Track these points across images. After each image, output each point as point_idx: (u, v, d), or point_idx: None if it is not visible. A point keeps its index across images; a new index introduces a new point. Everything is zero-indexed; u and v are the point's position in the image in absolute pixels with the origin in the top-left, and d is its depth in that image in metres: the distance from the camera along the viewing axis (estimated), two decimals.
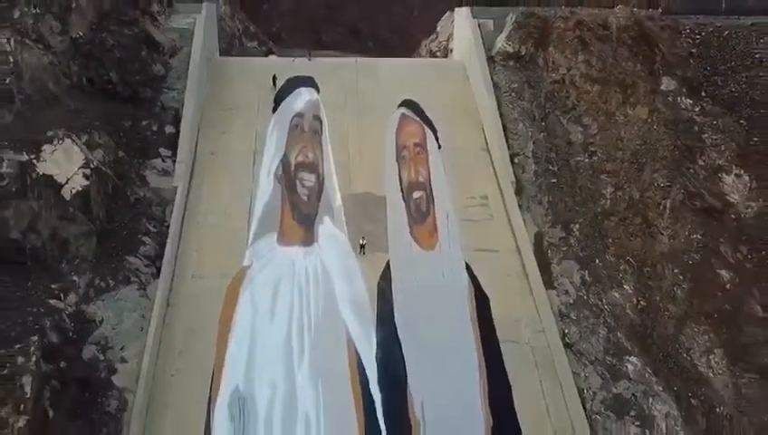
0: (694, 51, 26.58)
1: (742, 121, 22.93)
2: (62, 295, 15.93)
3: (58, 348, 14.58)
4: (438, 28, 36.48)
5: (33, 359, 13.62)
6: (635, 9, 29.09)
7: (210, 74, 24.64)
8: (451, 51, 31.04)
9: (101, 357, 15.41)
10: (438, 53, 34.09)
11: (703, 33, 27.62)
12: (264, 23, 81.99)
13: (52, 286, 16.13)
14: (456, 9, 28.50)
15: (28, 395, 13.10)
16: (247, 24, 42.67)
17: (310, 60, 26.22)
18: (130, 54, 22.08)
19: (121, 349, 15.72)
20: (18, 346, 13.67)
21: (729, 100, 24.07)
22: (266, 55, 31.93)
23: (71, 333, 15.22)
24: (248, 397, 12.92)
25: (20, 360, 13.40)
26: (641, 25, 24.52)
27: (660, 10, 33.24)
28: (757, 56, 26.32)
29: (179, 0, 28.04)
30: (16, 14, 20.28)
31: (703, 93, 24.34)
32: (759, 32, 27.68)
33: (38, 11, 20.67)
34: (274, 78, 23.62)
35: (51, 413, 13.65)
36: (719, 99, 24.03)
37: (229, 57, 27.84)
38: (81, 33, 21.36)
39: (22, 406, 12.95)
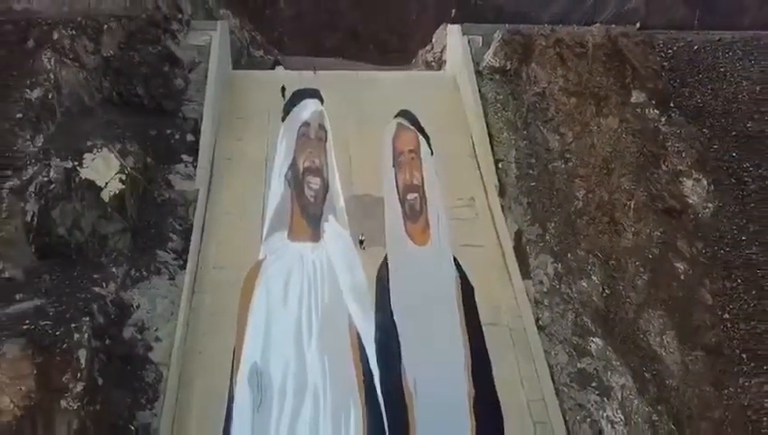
0: (665, 64, 28.80)
1: (704, 130, 25.25)
2: (103, 284, 18.36)
3: (104, 328, 17.01)
4: (434, 39, 38.71)
5: (86, 336, 16.06)
6: (613, 26, 31.57)
7: (225, 87, 27.01)
8: (445, 62, 33.38)
9: (139, 337, 17.85)
10: (434, 64, 36.39)
11: (674, 48, 29.87)
12: (266, 28, 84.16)
13: (95, 276, 18.53)
14: (449, 26, 30.82)
15: (83, 366, 15.53)
16: (254, 35, 44.79)
17: (315, 74, 28.58)
18: (154, 70, 24.45)
19: (155, 330, 18.14)
20: (73, 325, 16.14)
21: (694, 110, 26.34)
22: (273, 66, 34.04)
23: (113, 316, 17.64)
24: (265, 371, 15.51)
25: (76, 336, 15.83)
26: (615, 43, 26.82)
27: (638, 25, 35.76)
28: (722, 69, 28.57)
29: (196, 18, 30.64)
30: (55, 36, 22.74)
31: (671, 104, 26.58)
32: (725, 47, 29.97)
33: (74, 33, 23.08)
34: (283, 89, 26.05)
35: (100, 382, 16.10)
36: (686, 109, 26.31)
37: (241, 71, 30.08)
38: (111, 52, 23.73)
39: (78, 374, 15.37)
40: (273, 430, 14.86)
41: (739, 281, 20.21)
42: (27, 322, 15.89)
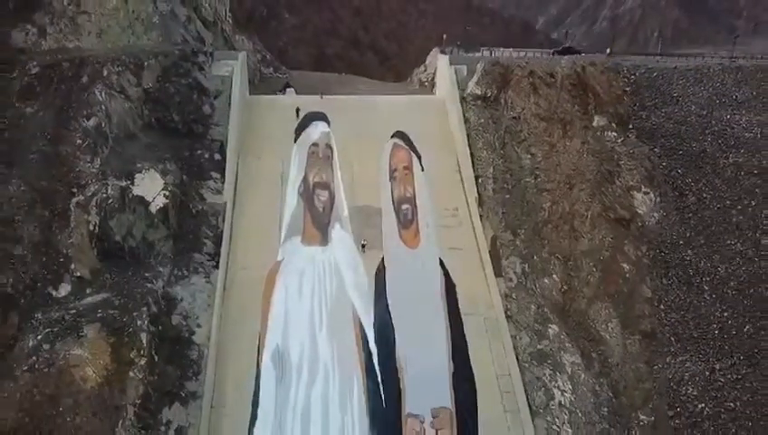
0: (628, 89, 32.67)
1: (655, 150, 29.18)
2: (153, 281, 22.46)
3: (157, 316, 21.13)
4: (427, 61, 42.83)
5: (146, 322, 20.20)
6: (582, 54, 35.57)
7: (245, 111, 31.03)
8: (435, 84, 37.37)
9: (184, 323, 21.96)
10: (426, 83, 40.46)
11: (637, 74, 33.73)
12: (271, 38, 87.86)
13: (146, 275, 22.65)
14: (439, 56, 34.79)
15: (145, 345, 19.68)
16: (264, 54, 48.91)
17: (321, 98, 32.58)
18: (186, 99, 28.47)
19: (196, 318, 22.25)
20: (135, 314, 20.25)
21: (649, 131, 30.27)
22: (283, 89, 37.93)
23: (163, 307, 21.76)
24: (285, 351, 19.43)
25: (138, 322, 19.97)
26: (581, 74, 30.72)
27: (609, 51, 39.73)
28: (675, 94, 32.51)
29: (216, 44, 34.67)
30: (105, 73, 26.74)
31: (630, 126, 30.51)
32: (679, 73, 33.87)
33: (120, 69, 27.07)
34: (297, 110, 30.05)
35: (156, 358, 20.22)
36: (641, 130, 30.23)
37: (258, 96, 34.05)
38: (150, 85, 27.73)
39: (141, 352, 19.53)
40: (292, 398, 18.69)
41: (674, 278, 24.22)
42: (99, 311, 20.05)
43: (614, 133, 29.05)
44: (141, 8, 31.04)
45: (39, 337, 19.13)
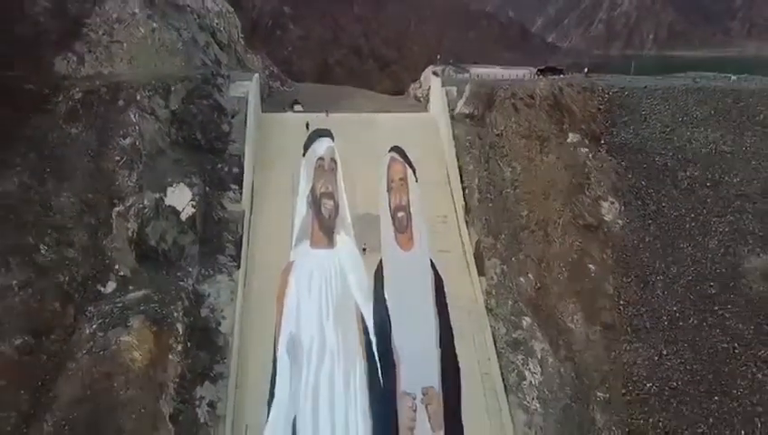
0: (601, 107, 36.14)
1: (622, 163, 32.71)
2: (184, 280, 26.09)
3: (189, 309, 24.76)
4: (422, 78, 46.37)
5: (181, 314, 23.84)
6: (561, 76, 39.05)
7: (259, 128, 34.62)
8: (429, 100, 40.91)
9: (211, 316, 25.59)
10: (421, 99, 43.99)
11: (610, 93, 37.19)
12: (276, 48, 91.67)
13: (178, 274, 26.28)
14: (432, 78, 38.33)
15: (180, 334, 23.31)
16: (272, 69, 52.41)
17: (327, 116, 36.14)
18: (207, 119, 32.06)
19: (221, 311, 25.86)
20: (172, 307, 23.88)
21: (618, 147, 33.79)
22: (292, 105, 41.42)
23: (193, 302, 25.40)
24: (297, 338, 23.55)
25: (174, 314, 23.62)
26: (558, 94, 34.25)
27: (586, 70, 43.21)
28: (643, 112, 36.00)
29: (230, 63, 38.17)
30: (138, 97, 30.33)
31: (602, 141, 34.09)
32: (648, 93, 37.36)
33: (150, 93, 30.66)
34: (307, 124, 33.66)
35: (189, 345, 23.86)
36: (611, 146, 33.76)
37: (270, 114, 37.58)
38: (177, 107, 31.32)
39: (178, 339, 23.17)
40: (303, 378, 22.57)
41: (632, 277, 27.78)
42: (142, 305, 23.69)
43: (586, 149, 32.59)
44: (166, 36, 34.60)
45: (94, 326, 22.77)
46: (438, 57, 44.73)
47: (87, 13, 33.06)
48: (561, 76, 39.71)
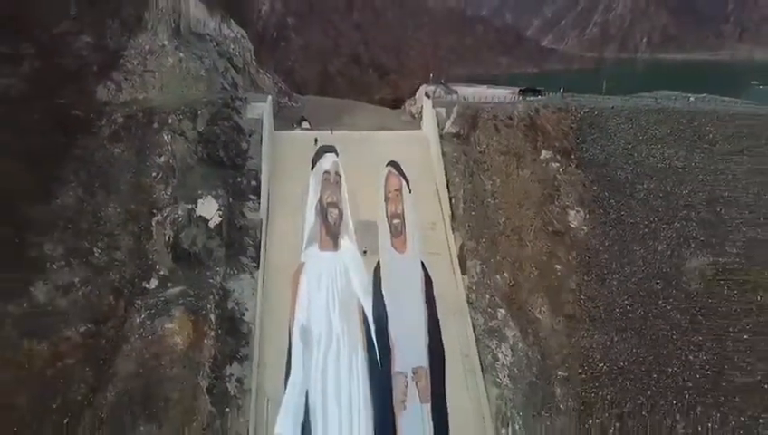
0: (574, 126, 40.95)
1: (589, 177, 37.55)
2: (213, 278, 30.83)
3: (219, 303, 29.52)
4: (416, 95, 50.99)
5: (212, 306, 28.60)
6: (540, 97, 43.71)
7: (273, 145, 39.29)
8: (422, 117, 45.53)
9: (236, 308, 30.31)
10: (416, 115, 48.62)
11: (582, 113, 41.99)
12: (281, 58, 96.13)
13: (207, 273, 31.01)
14: (424, 99, 42.98)
15: (214, 323, 28.08)
16: (280, 85, 57.02)
17: (332, 133, 40.80)
18: (229, 138, 36.74)
19: (245, 304, 30.58)
20: (205, 301, 28.63)
21: (586, 162, 38.60)
22: (300, 122, 46.03)
23: (222, 296, 30.13)
24: (308, 327, 28.28)
25: (208, 307, 28.38)
26: (534, 116, 38.98)
27: (562, 90, 47.81)
28: (609, 131, 40.82)
29: (244, 83, 42.88)
30: (170, 120, 35.04)
31: (572, 156, 38.87)
32: (615, 112, 42.13)
33: (181, 117, 35.36)
34: (316, 140, 38.31)
35: (219, 332, 28.61)
36: (580, 161, 38.54)
37: (282, 132, 42.16)
38: (203, 128, 36.01)
39: (210, 326, 27.94)
40: (313, 361, 27.21)
41: (593, 276, 32.63)
42: (180, 299, 28.48)
43: (557, 163, 37.38)
44: (191, 65, 39.29)
45: (142, 316, 27.56)
46: (431, 76, 49.23)
47: (123, 46, 37.71)
48: (540, 97, 44.29)
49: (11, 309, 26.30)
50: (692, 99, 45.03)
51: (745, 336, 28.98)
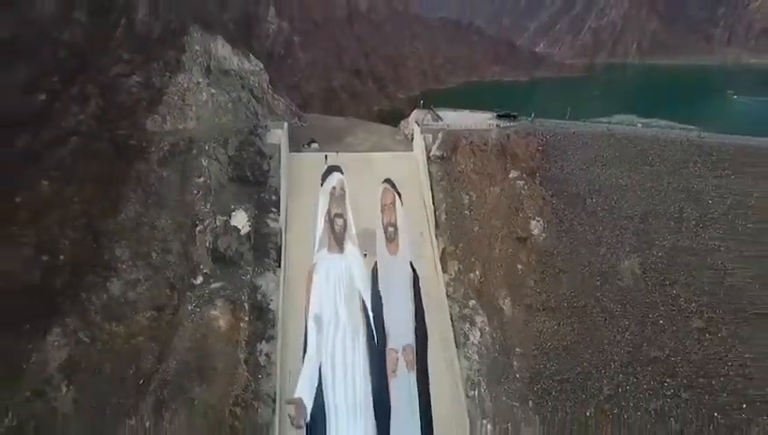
0: (540, 148, 48.54)
1: (549, 192, 45.15)
2: (245, 276, 38.46)
3: (250, 295, 37.16)
4: (410, 118, 58.50)
5: (246, 298, 36.26)
6: (513, 123, 51.20)
7: (289, 166, 46.89)
8: (414, 140, 53.03)
9: (263, 299, 37.93)
10: (409, 136, 56.12)
11: (547, 137, 49.60)
12: (287, 75, 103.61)
13: (239, 271, 38.65)
14: (415, 126, 50.52)
15: (247, 311, 35.74)
16: (291, 108, 64.46)
17: (337, 155, 48.34)
18: (254, 161, 44.30)
19: (270, 296, 38.23)
20: (240, 293, 36.27)
21: (549, 180, 46.19)
22: (309, 143, 53.49)
23: (252, 290, 37.76)
24: (320, 315, 36.38)
25: (243, 299, 36.04)
26: (504, 141, 46.55)
27: (533, 115, 55.31)
28: (569, 153, 48.43)
29: (263, 111, 50.44)
30: (206, 147, 42.56)
31: (537, 175, 46.45)
32: (576, 137, 49.69)
33: (215, 144, 42.90)
34: (326, 157, 46.01)
35: (251, 318, 36.28)
36: (543, 179, 46.11)
37: (296, 153, 49.69)
38: (232, 153, 43.57)
39: (244, 314, 35.60)
40: (324, 341, 34.95)
41: (547, 274, 40.23)
42: (221, 292, 36.13)
43: (522, 181, 44.94)
44: (221, 98, 46.85)
45: (192, 305, 35.22)
46: (422, 102, 56.37)
47: (166, 84, 45.23)
48: (514, 121, 51.74)
49: (94, 299, 34.03)
50: (639, 125, 52.53)
51: (661, 321, 36.63)
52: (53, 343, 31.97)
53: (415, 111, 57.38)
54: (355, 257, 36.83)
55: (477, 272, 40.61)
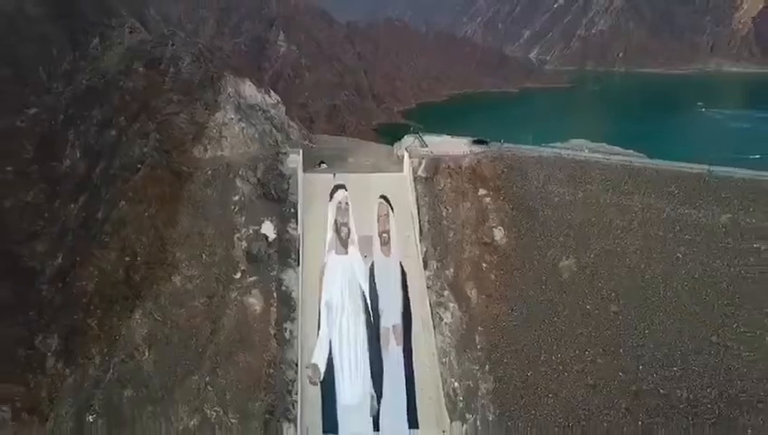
0: (505, 170, 59.23)
1: (510, 206, 55.98)
2: (273, 272, 49.46)
3: (277, 286, 48.16)
4: (402, 141, 69.44)
5: (274, 289, 47.31)
6: (485, 148, 62.09)
7: (304, 185, 57.84)
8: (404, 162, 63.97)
9: (287, 290, 48.87)
10: (401, 157, 67.02)
11: (512, 160, 60.36)
12: (295, 94, 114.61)
13: (268, 269, 49.66)
14: (405, 152, 61.36)
15: (275, 299, 46.80)
16: (303, 131, 75.32)
17: (334, 177, 59.05)
18: (277, 182, 55.14)
19: (292, 287, 49.18)
20: (270, 285, 47.29)
21: (510, 195, 56.93)
22: (319, 164, 64.26)
23: (278, 283, 48.76)
24: (330, 302, 49.51)
25: (272, 289, 47.07)
26: (475, 165, 57.43)
27: (502, 141, 66.16)
28: (528, 173, 59.22)
29: (281, 136, 61.55)
30: (240, 171, 53.51)
31: (501, 192, 57.23)
32: (534, 160, 60.35)
33: (248, 170, 53.81)
34: (334, 175, 57.00)
35: (278, 304, 47.29)
36: (507, 195, 56.75)
37: (309, 174, 60.41)
38: (260, 176, 54.48)
39: (273, 301, 46.65)
40: (333, 321, 47.04)
41: (506, 270, 51.21)
42: (256, 285, 47.24)
43: (489, 198, 55.85)
44: (249, 131, 57.79)
45: (234, 294, 46.29)
46: (411, 129, 66.86)
47: (207, 120, 56.08)
48: (486, 146, 62.31)
49: (163, 289, 45.12)
50: (586, 150, 63.20)
51: (588, 306, 47.59)
52: (137, 321, 43.15)
53: (405, 136, 68.22)
54: (357, 258, 51.93)
55: (451, 269, 51.63)
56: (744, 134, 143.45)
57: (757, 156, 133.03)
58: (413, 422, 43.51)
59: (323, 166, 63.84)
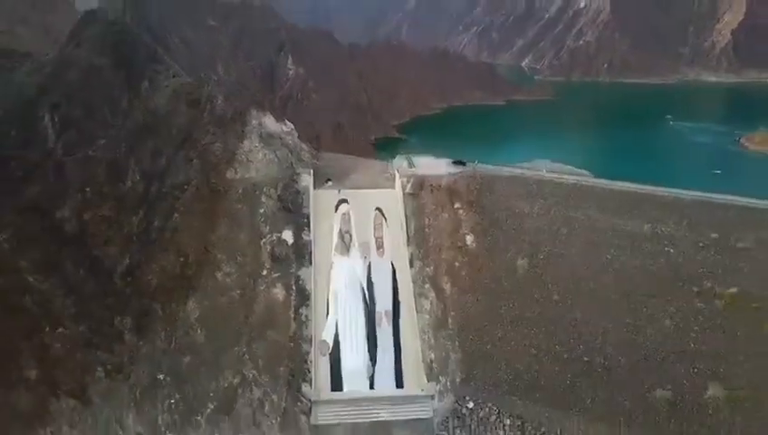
0: (477, 187, 72.29)
1: (480, 217, 68.99)
2: (292, 270, 62.48)
3: (295, 281, 61.18)
4: (394, 162, 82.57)
5: (293, 282, 60.38)
6: (462, 169, 75.29)
7: (315, 199, 70.86)
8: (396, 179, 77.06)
9: (303, 283, 61.88)
10: (393, 176, 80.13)
11: (483, 179, 73.45)
12: (303, 114, 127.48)
13: (288, 268, 62.71)
14: (396, 173, 74.45)
15: (294, 290, 59.90)
16: (312, 151, 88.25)
17: (339, 192, 72.05)
18: (293, 197, 68.18)
19: (307, 282, 62.16)
20: (291, 281, 60.31)
21: (481, 208, 69.94)
22: (326, 181, 77.23)
23: (296, 278, 61.75)
24: (338, 292, 64.01)
25: (292, 283, 60.12)
26: (451, 184, 70.49)
27: (477, 162, 79.28)
28: (497, 190, 72.12)
29: (296, 158, 74.81)
30: (264, 189, 66.54)
31: (474, 205, 70.22)
32: (505, 178, 73.35)
33: (270, 188, 66.89)
34: (339, 190, 70.20)
35: (296, 295, 60.29)
36: (478, 208, 69.74)
37: (319, 190, 73.47)
38: (279, 193, 67.51)
39: (292, 293, 59.69)
40: (338, 307, 60.81)
41: (474, 268, 64.26)
42: (279, 280, 60.34)
43: (463, 211, 68.87)
44: (270, 156, 70.83)
45: (262, 287, 59.43)
46: (401, 155, 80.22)
47: (237, 147, 68.98)
48: (464, 166, 75.31)
49: (209, 282, 58.18)
50: (544, 171, 76.19)
51: (536, 296, 60.54)
52: (191, 306, 56.28)
53: (397, 157, 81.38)
54: (357, 259, 68.36)
55: (431, 267, 64.70)
56: (705, 149, 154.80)
57: (718, 171, 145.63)
58: (399, 383, 56.82)
59: (329, 183, 76.98)
